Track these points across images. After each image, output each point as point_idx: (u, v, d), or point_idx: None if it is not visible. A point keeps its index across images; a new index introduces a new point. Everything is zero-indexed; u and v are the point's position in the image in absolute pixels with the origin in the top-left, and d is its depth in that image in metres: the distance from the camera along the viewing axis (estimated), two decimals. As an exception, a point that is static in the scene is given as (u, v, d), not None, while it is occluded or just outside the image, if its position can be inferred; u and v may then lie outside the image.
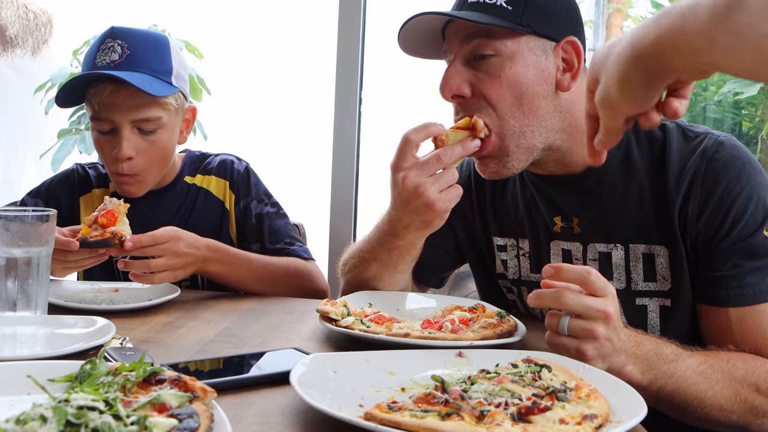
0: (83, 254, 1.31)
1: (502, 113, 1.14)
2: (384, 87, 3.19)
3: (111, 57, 1.47)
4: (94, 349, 0.93)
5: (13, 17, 4.57)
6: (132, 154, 1.48)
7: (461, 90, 1.15)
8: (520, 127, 1.15)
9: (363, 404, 0.74)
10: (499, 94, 1.13)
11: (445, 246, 1.48)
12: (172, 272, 1.36)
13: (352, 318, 1.07)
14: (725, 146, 1.14)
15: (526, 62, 1.13)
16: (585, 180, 1.22)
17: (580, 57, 1.16)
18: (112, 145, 1.48)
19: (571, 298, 0.90)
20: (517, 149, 1.16)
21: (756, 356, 1.07)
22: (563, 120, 1.18)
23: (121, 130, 1.47)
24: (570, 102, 1.18)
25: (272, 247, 1.62)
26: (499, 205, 1.38)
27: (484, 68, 1.14)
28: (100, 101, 1.46)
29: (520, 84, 1.13)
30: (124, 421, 0.57)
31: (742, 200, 1.10)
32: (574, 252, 1.25)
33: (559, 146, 1.19)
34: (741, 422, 1.04)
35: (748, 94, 3.94)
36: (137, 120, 1.47)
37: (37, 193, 1.67)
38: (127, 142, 1.46)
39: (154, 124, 1.49)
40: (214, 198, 1.69)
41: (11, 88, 5.16)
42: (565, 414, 0.68)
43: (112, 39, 1.49)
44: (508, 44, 1.13)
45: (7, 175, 5.37)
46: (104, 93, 1.45)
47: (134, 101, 1.45)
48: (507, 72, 1.13)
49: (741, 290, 1.10)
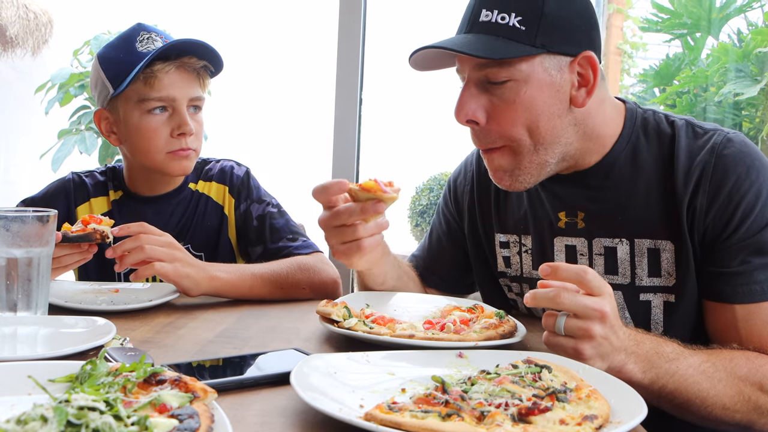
0: (65, 250, 1.30)
1: (518, 135, 1.14)
2: (384, 87, 3.20)
3: (155, 45, 1.54)
4: (95, 349, 0.93)
5: (13, 17, 4.57)
6: (194, 130, 1.57)
7: (476, 116, 1.14)
8: (534, 146, 1.15)
9: (363, 405, 0.74)
10: (514, 119, 1.13)
11: (459, 253, 1.50)
12: (170, 263, 1.31)
13: (354, 319, 1.07)
14: (735, 142, 1.14)
15: (540, 84, 1.11)
16: (592, 174, 1.23)
17: (596, 72, 1.13)
18: (169, 124, 1.55)
19: (567, 298, 0.90)
20: (530, 164, 1.16)
21: (760, 354, 1.07)
22: (577, 132, 1.17)
23: (181, 108, 1.55)
24: (585, 113, 1.16)
25: (274, 246, 1.61)
26: (503, 203, 1.39)
27: (498, 93, 1.13)
28: (161, 79, 1.52)
29: (535, 107, 1.12)
30: (124, 421, 0.57)
31: (752, 196, 1.10)
32: (579, 247, 1.25)
33: (572, 154, 1.20)
34: (745, 421, 1.04)
35: (748, 94, 3.94)
36: (193, 99, 1.57)
37: (32, 202, 1.64)
38: (189, 118, 1.55)
39: (201, 104, 1.61)
40: (214, 203, 1.69)
41: (11, 88, 5.17)
42: (565, 415, 0.68)
43: (147, 32, 1.57)
44: (522, 68, 1.10)
45: (7, 175, 5.37)
46: (169, 71, 1.53)
47: (190, 80, 1.57)
48: (522, 96, 1.11)
49: (749, 287, 1.09)
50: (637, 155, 1.20)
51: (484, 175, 1.43)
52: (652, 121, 1.23)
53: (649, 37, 4.90)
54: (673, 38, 4.64)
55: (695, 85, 4.36)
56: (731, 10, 4.33)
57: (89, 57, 3.79)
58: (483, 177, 1.42)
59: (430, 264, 1.53)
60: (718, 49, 4.28)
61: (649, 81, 4.76)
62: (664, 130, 1.21)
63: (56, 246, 1.25)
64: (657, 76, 4.64)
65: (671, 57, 4.62)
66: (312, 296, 1.48)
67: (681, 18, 4.44)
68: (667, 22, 4.50)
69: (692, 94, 4.36)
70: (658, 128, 1.21)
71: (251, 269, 1.46)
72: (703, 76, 4.31)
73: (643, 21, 4.66)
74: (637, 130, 1.22)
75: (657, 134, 1.21)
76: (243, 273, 1.44)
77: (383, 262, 1.28)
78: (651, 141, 1.21)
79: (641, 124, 1.22)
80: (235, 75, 4.64)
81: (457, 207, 1.49)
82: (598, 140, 1.20)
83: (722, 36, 4.42)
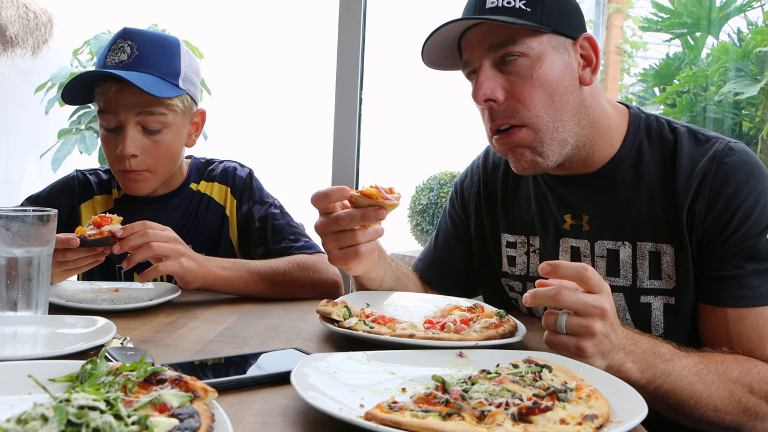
0: (82, 253, 1.31)
1: (536, 111, 1.16)
2: (384, 87, 3.20)
3: (120, 57, 1.50)
4: (95, 348, 0.93)
5: (14, 17, 4.57)
6: (135, 151, 1.49)
7: (494, 94, 1.16)
8: (553, 122, 1.17)
9: (364, 404, 0.74)
10: (532, 93, 1.15)
11: (466, 253, 1.52)
12: (175, 260, 1.32)
13: (355, 319, 1.07)
14: (736, 151, 1.17)
15: (552, 60, 1.16)
16: (597, 178, 1.25)
17: (596, 52, 1.21)
18: (117, 143, 1.50)
19: (568, 295, 0.91)
20: (551, 142, 1.18)
21: (749, 358, 1.08)
22: (588, 115, 1.21)
23: (126, 128, 1.49)
24: (591, 96, 1.21)
25: (276, 247, 1.61)
26: (511, 204, 1.41)
27: (514, 71, 1.16)
28: (105, 99, 1.49)
29: (551, 82, 1.16)
30: (125, 420, 0.57)
31: (749, 203, 1.12)
32: (582, 249, 1.27)
33: (584, 144, 1.22)
34: (734, 423, 1.05)
35: (748, 94, 3.94)
36: (141, 116, 1.49)
37: (36, 199, 1.66)
38: (131, 140, 1.48)
39: (158, 123, 1.51)
40: (216, 204, 1.69)
41: (12, 88, 5.17)
42: (565, 414, 0.68)
43: (123, 39, 1.52)
44: (534, 45, 1.15)
45: (7, 175, 5.38)
46: (110, 91, 1.48)
47: (138, 100, 1.47)
48: (537, 72, 1.15)
49: (741, 291, 1.11)
50: (640, 160, 1.23)
51: (491, 177, 1.46)
52: (655, 127, 1.25)
53: (649, 37, 4.91)
54: (673, 38, 4.64)
55: (695, 85, 4.37)
56: (731, 10, 4.33)
57: (89, 57, 3.80)
58: (490, 179, 1.46)
59: (437, 265, 1.54)
60: (718, 48, 4.28)
61: (649, 80, 4.76)
62: (667, 136, 1.23)
63: (72, 250, 1.27)
64: (657, 75, 4.65)
65: (671, 56, 4.62)
66: (312, 296, 1.48)
67: (681, 17, 4.44)
68: (667, 22, 4.50)
69: (692, 94, 4.36)
70: (661, 134, 1.24)
71: (248, 265, 1.47)
72: (703, 76, 4.32)
73: (643, 20, 4.66)
74: (640, 135, 1.25)
75: (660, 140, 1.24)
76: (239, 269, 1.45)
77: (380, 266, 1.29)
78: (654, 146, 1.23)
79: (645, 129, 1.25)
80: (235, 74, 4.64)
81: (464, 209, 1.52)
82: (604, 134, 1.23)
83: (722, 35, 4.42)
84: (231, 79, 4.45)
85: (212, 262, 1.42)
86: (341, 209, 1.13)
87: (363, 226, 1.13)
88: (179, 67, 1.54)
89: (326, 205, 1.12)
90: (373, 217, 1.10)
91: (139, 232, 1.31)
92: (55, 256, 1.25)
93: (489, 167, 1.48)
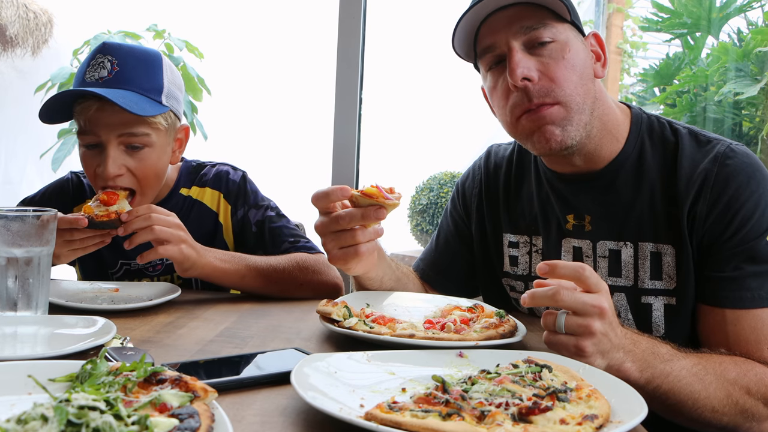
0: (89, 233, 1.31)
1: (570, 90, 1.18)
2: (384, 87, 3.20)
3: (100, 73, 1.42)
4: (95, 349, 0.93)
5: (13, 17, 4.58)
6: (118, 171, 1.42)
7: (530, 74, 1.18)
8: (582, 102, 1.19)
9: (364, 404, 0.74)
10: (565, 74, 1.18)
11: (467, 252, 1.52)
12: (175, 245, 1.33)
13: (355, 319, 1.07)
14: (737, 153, 1.17)
15: (577, 48, 1.21)
16: (600, 179, 1.26)
17: (603, 48, 1.27)
18: (98, 162, 1.43)
19: (566, 295, 0.91)
20: (579, 122, 1.19)
21: (747, 360, 1.09)
22: (599, 107, 1.23)
23: (107, 147, 1.42)
24: (600, 91, 1.24)
25: (276, 251, 1.59)
26: (513, 204, 1.42)
27: (546, 53, 1.19)
28: (86, 118, 1.42)
29: (579, 66, 1.20)
30: (125, 420, 0.57)
31: (750, 205, 1.13)
32: (584, 249, 1.28)
33: (594, 135, 1.23)
34: (731, 424, 1.05)
35: (748, 94, 3.94)
36: (123, 137, 1.42)
37: (31, 201, 1.65)
38: (113, 160, 1.41)
39: (140, 142, 1.44)
40: (207, 210, 1.65)
41: (11, 87, 5.17)
42: (565, 414, 0.68)
43: (103, 55, 1.45)
44: (561, 32, 1.20)
45: (7, 175, 5.37)
46: (90, 110, 1.41)
47: (120, 118, 1.40)
48: (567, 55, 1.19)
49: (740, 293, 1.11)
50: (642, 161, 1.24)
51: (493, 177, 1.48)
52: (657, 128, 1.26)
53: (649, 37, 4.91)
54: (673, 38, 4.64)
55: (695, 85, 4.37)
56: (731, 10, 4.33)
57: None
58: (492, 180, 1.47)
59: (438, 265, 1.54)
60: (718, 48, 4.28)
61: (649, 80, 4.76)
62: (668, 137, 1.24)
63: (79, 230, 1.28)
64: (657, 75, 4.65)
65: (671, 56, 4.62)
66: (312, 295, 1.48)
67: (681, 17, 4.44)
68: (667, 22, 4.50)
69: (692, 94, 4.36)
70: (663, 135, 1.25)
71: (247, 260, 1.47)
72: (703, 76, 4.32)
73: (643, 20, 4.66)
74: (643, 135, 1.26)
75: (661, 141, 1.24)
76: (238, 262, 1.46)
77: (380, 266, 1.29)
78: (656, 147, 1.24)
79: (647, 129, 1.26)
80: (234, 74, 4.64)
81: (466, 209, 1.53)
82: (611, 130, 1.24)
83: (722, 35, 4.42)
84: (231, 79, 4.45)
85: (211, 253, 1.42)
86: (341, 209, 1.13)
87: (363, 225, 1.13)
88: (162, 83, 1.48)
89: (326, 205, 1.13)
90: (373, 216, 1.10)
91: (143, 215, 1.32)
92: (63, 236, 1.26)
93: (491, 168, 1.49)
